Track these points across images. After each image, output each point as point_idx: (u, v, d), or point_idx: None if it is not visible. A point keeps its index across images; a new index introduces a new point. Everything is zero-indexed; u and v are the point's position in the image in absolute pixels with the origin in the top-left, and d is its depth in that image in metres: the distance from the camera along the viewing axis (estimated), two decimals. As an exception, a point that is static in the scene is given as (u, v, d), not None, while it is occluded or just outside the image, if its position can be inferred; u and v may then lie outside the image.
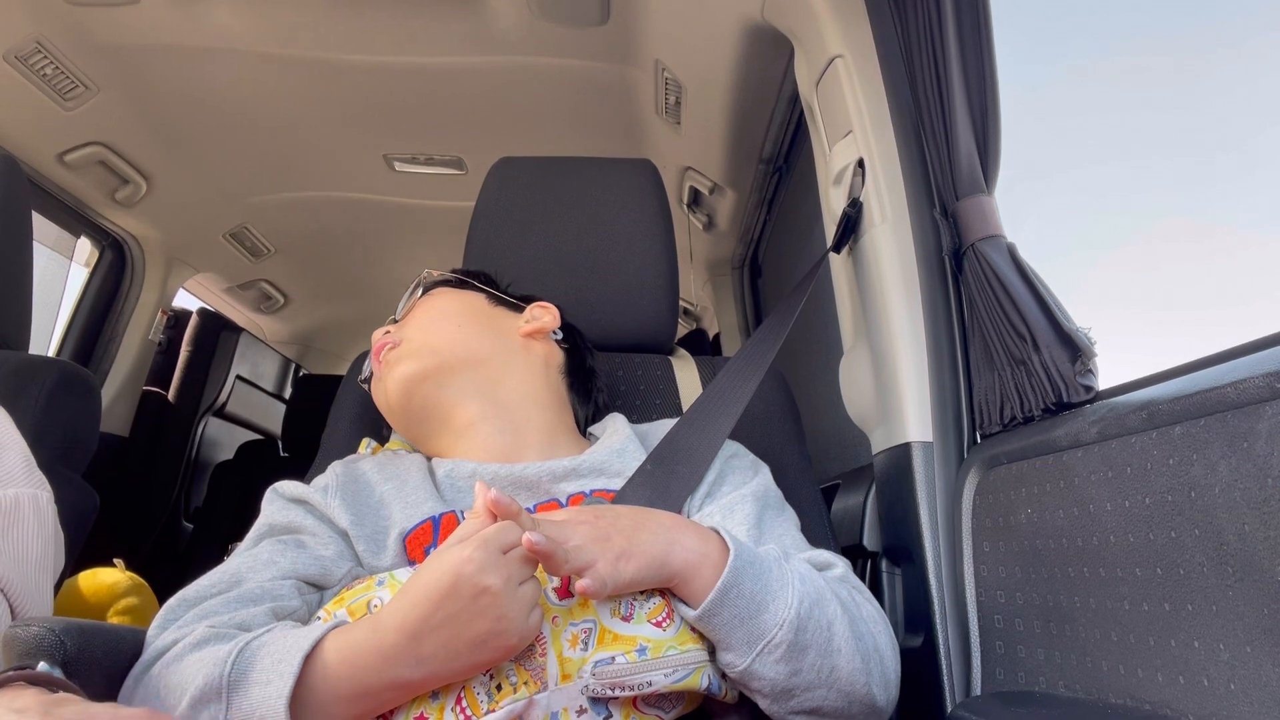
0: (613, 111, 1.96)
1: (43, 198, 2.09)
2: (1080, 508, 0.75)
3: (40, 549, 0.87)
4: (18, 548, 0.84)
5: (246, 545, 0.79)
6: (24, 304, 1.33)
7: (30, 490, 0.88)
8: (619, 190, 1.24)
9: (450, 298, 1.01)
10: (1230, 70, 1.04)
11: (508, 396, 0.93)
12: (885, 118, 1.10)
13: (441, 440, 0.92)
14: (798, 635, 0.67)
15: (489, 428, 0.91)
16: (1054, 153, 1.31)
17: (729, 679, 0.70)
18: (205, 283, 2.90)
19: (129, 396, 2.51)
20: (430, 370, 0.92)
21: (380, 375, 0.95)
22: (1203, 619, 0.62)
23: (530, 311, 1.02)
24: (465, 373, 0.93)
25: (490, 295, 1.03)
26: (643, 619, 0.68)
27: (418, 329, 0.96)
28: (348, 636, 0.64)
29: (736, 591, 0.67)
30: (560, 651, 0.65)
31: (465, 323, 0.97)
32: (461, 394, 0.92)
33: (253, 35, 1.71)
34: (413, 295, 1.03)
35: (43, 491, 0.90)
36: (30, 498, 0.87)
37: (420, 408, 0.92)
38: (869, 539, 1.15)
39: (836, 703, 0.70)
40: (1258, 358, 0.61)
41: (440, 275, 1.05)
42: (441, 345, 0.94)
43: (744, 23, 1.41)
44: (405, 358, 0.93)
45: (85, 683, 0.63)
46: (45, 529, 0.88)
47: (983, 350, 0.96)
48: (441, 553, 0.63)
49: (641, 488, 0.83)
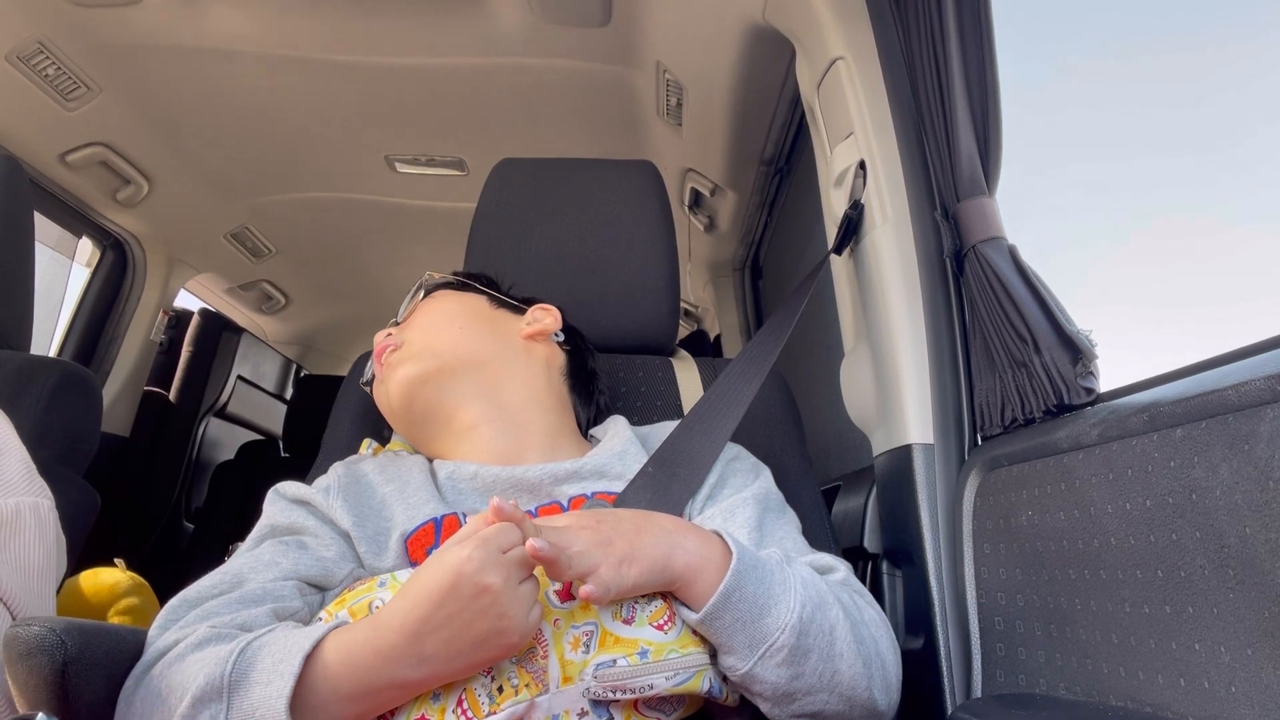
0: (614, 113, 1.96)
1: (44, 198, 2.09)
2: (1081, 510, 0.75)
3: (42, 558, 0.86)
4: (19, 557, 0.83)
5: (248, 546, 0.79)
6: (25, 304, 1.33)
7: (31, 499, 0.88)
8: (620, 191, 1.24)
9: (452, 300, 1.01)
10: (1230, 70, 1.04)
11: (510, 398, 0.93)
12: (886, 119, 1.10)
13: (443, 442, 0.92)
14: (800, 639, 0.67)
15: (491, 430, 0.91)
16: (1053, 152, 1.31)
17: (730, 682, 0.70)
18: (206, 283, 2.90)
19: (130, 397, 2.51)
20: (432, 372, 0.92)
21: (382, 378, 0.96)
22: (1204, 621, 0.61)
23: (532, 313, 1.02)
24: (467, 375, 0.93)
25: (491, 297, 1.03)
26: (644, 622, 0.68)
27: (419, 331, 0.97)
28: (348, 636, 0.64)
29: (739, 595, 0.67)
30: (562, 654, 0.65)
31: (467, 325, 0.97)
32: (463, 396, 0.92)
33: (255, 36, 1.72)
34: (414, 297, 1.03)
35: (44, 499, 0.90)
36: (31, 506, 0.87)
37: (422, 410, 0.92)
38: (870, 541, 1.15)
39: (838, 706, 0.70)
40: (1259, 360, 0.61)
41: (441, 278, 1.05)
42: (443, 348, 0.94)
43: (745, 24, 1.41)
44: (407, 360, 0.93)
45: (86, 683, 0.63)
46: (46, 538, 0.88)
47: (984, 352, 0.96)
48: (441, 553, 0.63)
49: (643, 490, 0.83)
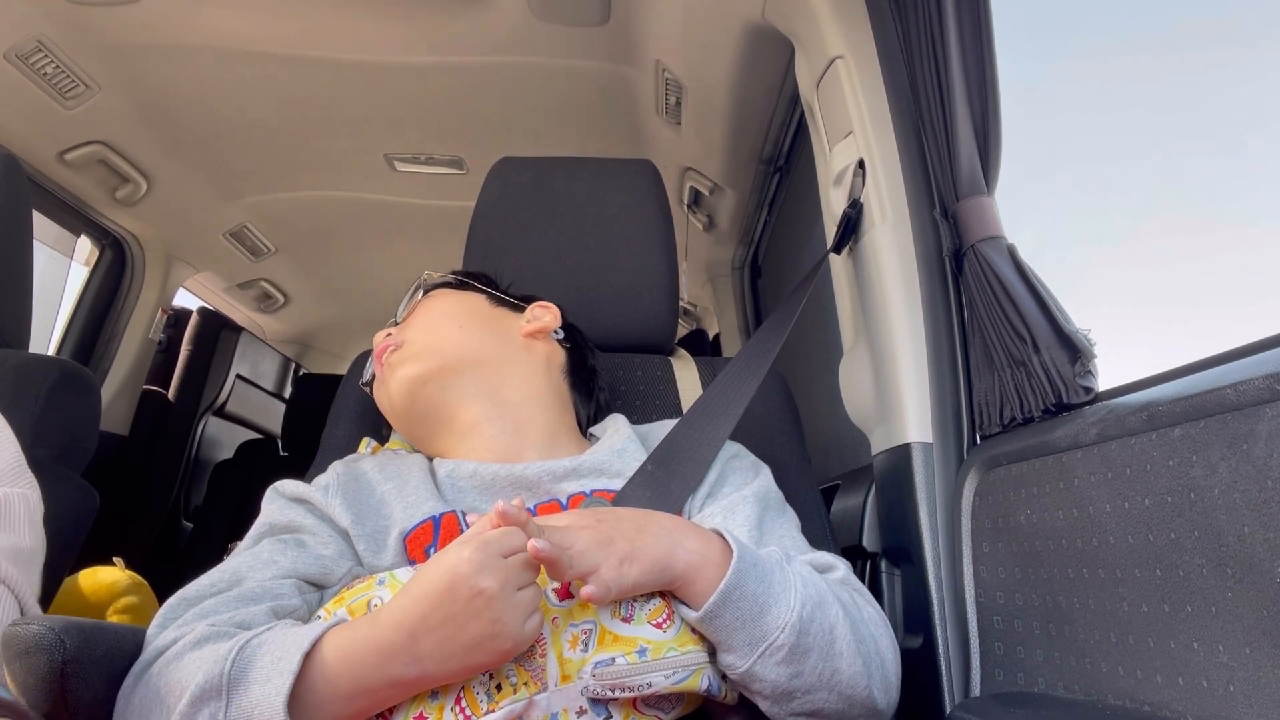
0: (613, 112, 1.96)
1: (43, 196, 2.09)
2: (1080, 509, 0.75)
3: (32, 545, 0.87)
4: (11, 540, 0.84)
5: (247, 544, 0.79)
6: (24, 302, 1.32)
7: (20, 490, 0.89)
8: (619, 190, 1.24)
9: (451, 299, 1.01)
10: (1232, 67, 1.04)
11: (510, 396, 0.93)
12: (886, 118, 1.10)
13: (444, 441, 0.92)
14: (800, 638, 0.67)
15: (492, 428, 0.91)
16: (1053, 152, 1.31)
17: (729, 680, 0.70)
18: (205, 282, 2.90)
19: (129, 395, 2.51)
20: (433, 372, 0.92)
21: (383, 378, 0.95)
22: (1202, 620, 0.62)
23: (531, 311, 1.02)
24: (468, 373, 0.93)
25: (491, 296, 1.03)
26: (643, 620, 0.68)
27: (419, 331, 0.97)
28: (347, 634, 0.64)
29: (739, 594, 0.67)
30: (560, 652, 0.65)
31: (467, 324, 0.97)
32: (464, 395, 0.92)
33: (253, 35, 1.72)
34: (413, 297, 1.03)
35: (31, 492, 0.91)
36: (20, 497, 0.88)
37: (423, 409, 0.92)
38: (868, 540, 1.15)
39: (837, 705, 0.70)
40: (1258, 359, 0.61)
41: (440, 276, 1.05)
42: (444, 347, 0.94)
43: (744, 23, 1.41)
44: (408, 360, 0.93)
45: (84, 682, 0.63)
46: (35, 529, 0.89)
47: (982, 351, 0.96)
48: (442, 554, 0.64)
49: (642, 488, 0.83)
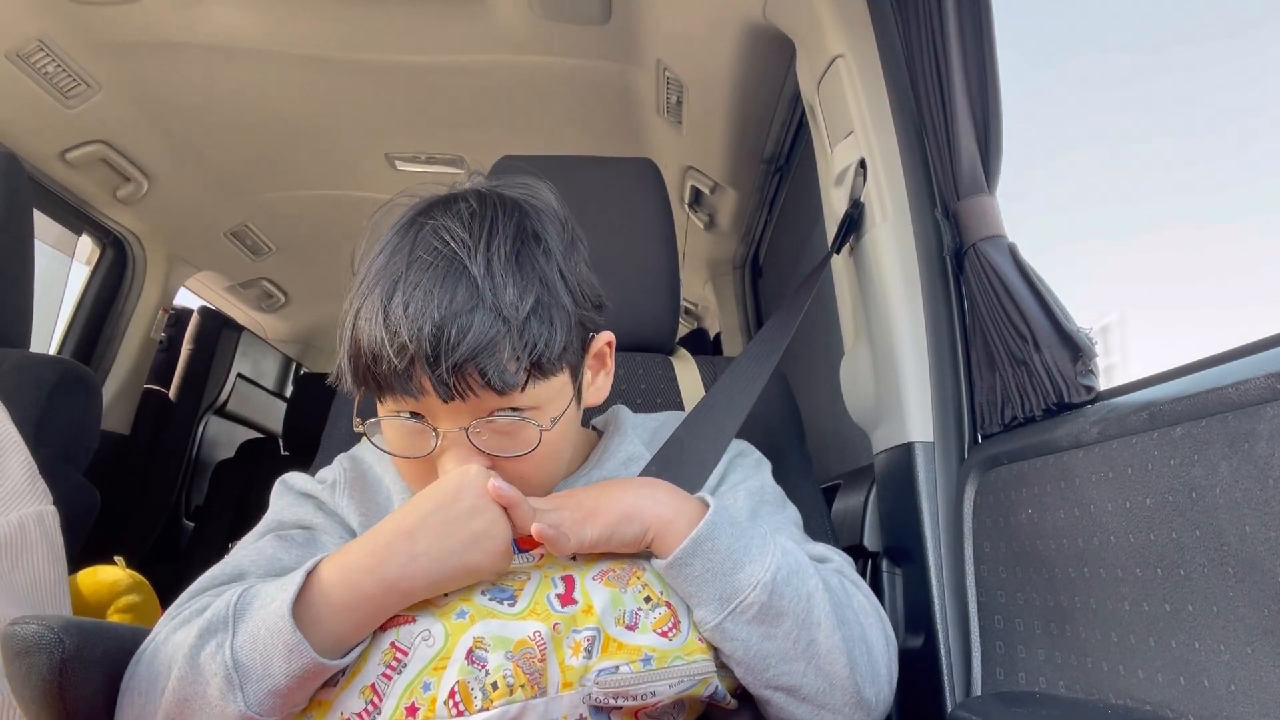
0: (614, 111, 1.96)
1: (44, 195, 2.09)
2: (1081, 508, 0.75)
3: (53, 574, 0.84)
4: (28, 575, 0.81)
5: (252, 538, 0.79)
6: (25, 302, 1.32)
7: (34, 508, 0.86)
8: (620, 189, 1.24)
9: (558, 405, 0.92)
10: (1232, 67, 1.04)
11: None
12: (887, 118, 1.10)
13: None
14: (772, 598, 0.67)
15: None
16: (1053, 151, 1.31)
17: (723, 669, 0.69)
18: (206, 281, 2.90)
19: (130, 395, 2.51)
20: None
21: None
22: (1203, 620, 0.61)
23: (598, 380, 0.84)
24: None
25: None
26: (648, 628, 0.67)
27: (536, 467, 0.79)
28: (343, 551, 0.67)
29: (711, 545, 0.67)
30: (562, 659, 0.64)
31: (569, 432, 0.86)
32: None
33: (255, 33, 1.72)
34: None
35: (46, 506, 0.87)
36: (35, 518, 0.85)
37: None
38: (869, 539, 1.15)
39: (816, 683, 0.68)
40: (1259, 358, 0.61)
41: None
42: (560, 471, 0.91)
43: (745, 23, 1.41)
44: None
45: (84, 681, 0.63)
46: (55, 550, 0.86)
47: (984, 350, 0.96)
48: (447, 475, 0.68)
49: None
